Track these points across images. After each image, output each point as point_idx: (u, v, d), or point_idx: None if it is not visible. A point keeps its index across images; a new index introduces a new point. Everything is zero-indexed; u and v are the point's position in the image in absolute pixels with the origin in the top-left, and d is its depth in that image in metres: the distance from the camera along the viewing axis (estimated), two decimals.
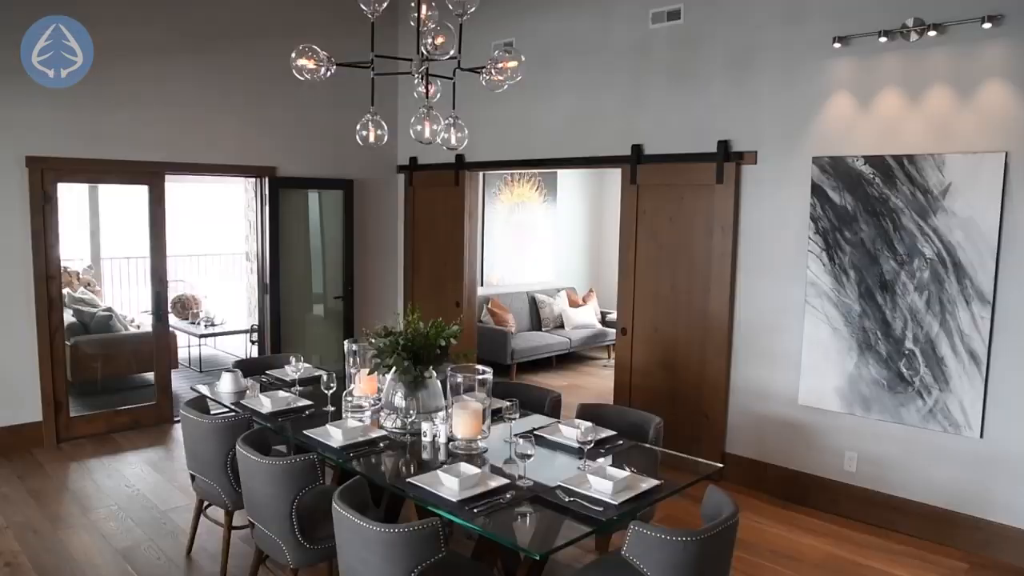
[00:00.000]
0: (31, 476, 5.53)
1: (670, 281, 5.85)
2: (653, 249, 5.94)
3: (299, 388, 4.69)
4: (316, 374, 4.98)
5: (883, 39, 4.59)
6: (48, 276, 6.04)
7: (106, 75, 6.13)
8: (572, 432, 3.80)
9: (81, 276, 10.21)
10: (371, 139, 3.91)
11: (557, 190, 10.33)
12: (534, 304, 9.75)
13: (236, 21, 6.82)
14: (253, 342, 8.74)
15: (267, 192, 7.17)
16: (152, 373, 7.03)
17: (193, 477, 4.21)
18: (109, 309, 8.21)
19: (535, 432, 3.88)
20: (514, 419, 3.74)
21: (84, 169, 6.18)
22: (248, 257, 10.71)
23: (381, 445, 3.68)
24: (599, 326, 9.84)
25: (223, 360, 9.60)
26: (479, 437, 3.65)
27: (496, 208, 9.50)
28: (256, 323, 8.46)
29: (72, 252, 10.41)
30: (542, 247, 10.25)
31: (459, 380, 3.66)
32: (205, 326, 9.30)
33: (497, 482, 3.19)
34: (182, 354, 9.05)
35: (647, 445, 3.89)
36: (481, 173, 7.79)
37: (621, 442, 3.82)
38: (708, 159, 5.54)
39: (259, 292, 7.57)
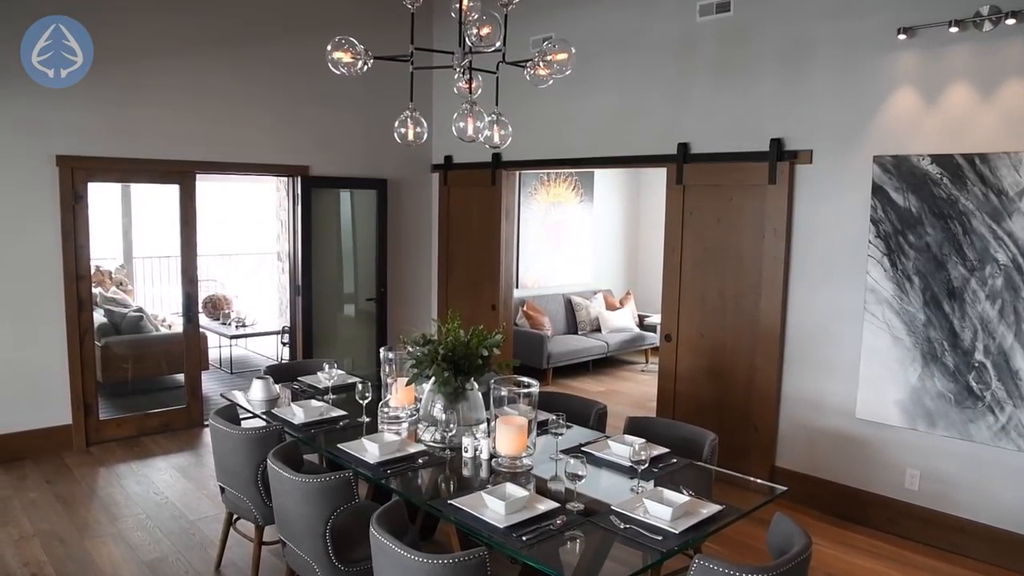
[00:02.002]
0: (60, 481, 5.41)
1: (718, 285, 5.59)
2: (700, 252, 5.68)
3: (332, 396, 4.51)
4: (350, 381, 4.79)
5: (954, 29, 4.29)
6: (78, 276, 5.92)
7: (136, 73, 6.01)
8: (623, 449, 3.57)
9: (113, 275, 10.16)
10: (410, 137, 3.71)
11: (594, 190, 10.08)
12: (570, 307, 9.51)
13: (268, 17, 6.67)
14: (284, 344, 8.60)
15: (299, 192, 7.01)
16: (182, 375, 6.89)
17: (223, 489, 4.03)
18: (140, 309, 8.11)
19: (583, 448, 3.67)
20: (561, 435, 3.52)
21: (115, 168, 6.05)
22: (279, 257, 10.59)
23: (420, 461, 3.47)
24: (637, 329, 9.58)
25: (254, 361, 9.49)
26: (524, 454, 3.43)
27: (532, 208, 9.27)
28: (287, 324, 8.33)
29: (104, 251, 10.36)
30: (578, 248, 10.01)
31: (503, 393, 3.44)
32: (236, 327, 9.18)
33: (546, 505, 2.96)
34: (212, 354, 8.94)
35: (702, 463, 3.65)
36: (518, 172, 7.57)
37: (675, 460, 3.58)
38: (759, 158, 5.27)
39: (291, 293, 7.42)
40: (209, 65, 6.38)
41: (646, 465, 3.22)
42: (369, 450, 3.51)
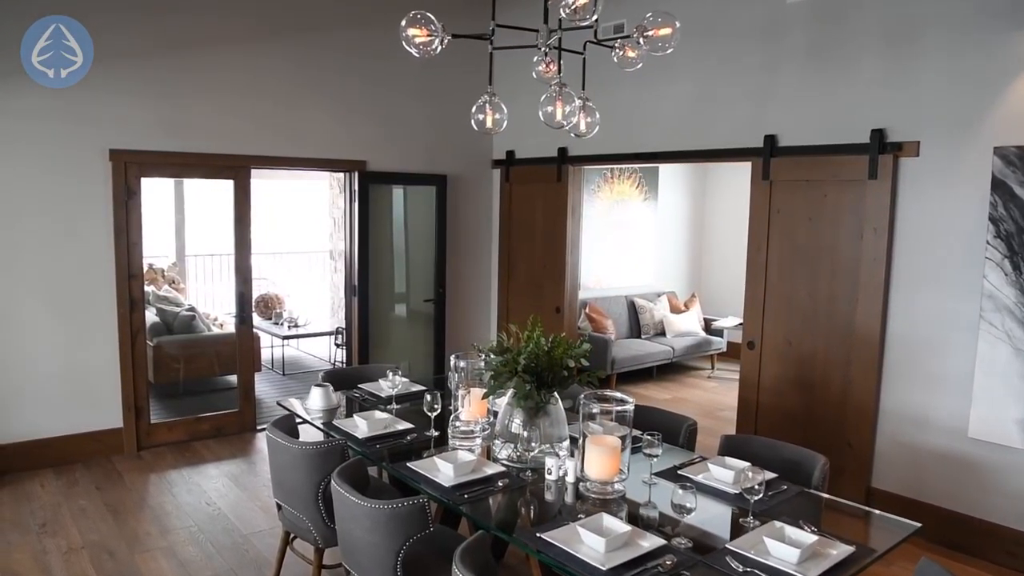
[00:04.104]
0: (110, 488, 5.18)
1: (808, 289, 5.15)
2: (788, 252, 5.25)
3: (396, 406, 4.18)
4: (414, 389, 4.47)
5: None
6: (131, 275, 5.70)
7: (190, 66, 5.78)
8: (724, 474, 3.18)
9: (166, 273, 10.02)
10: (488, 124, 3.36)
11: (658, 187, 9.64)
12: (633, 309, 9.10)
13: (326, 7, 6.38)
14: (338, 345, 8.33)
15: (356, 187, 6.72)
16: (235, 376, 6.64)
17: (279, 506, 3.73)
18: (192, 308, 7.91)
19: (679, 472, 3.28)
20: (656, 456, 3.13)
21: (168, 163, 5.81)
22: (332, 256, 10.36)
23: (499, 484, 3.11)
24: (703, 334, 9.13)
25: (307, 363, 9.25)
26: (616, 479, 3.05)
27: (595, 206, 8.87)
28: (340, 325, 8.07)
29: (158, 248, 10.24)
30: (642, 248, 9.58)
31: (595, 410, 3.07)
32: (289, 327, 8.94)
33: (650, 542, 2.58)
34: (264, 355, 8.72)
35: (813, 490, 3.24)
36: (584, 168, 7.18)
37: (785, 487, 3.17)
38: (858, 151, 4.82)
39: (346, 293, 7.14)
40: (265, 56, 6.12)
41: (760, 495, 2.81)
42: (442, 470, 3.17)
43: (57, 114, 5.31)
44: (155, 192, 10.07)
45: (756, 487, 2.80)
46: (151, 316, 7.61)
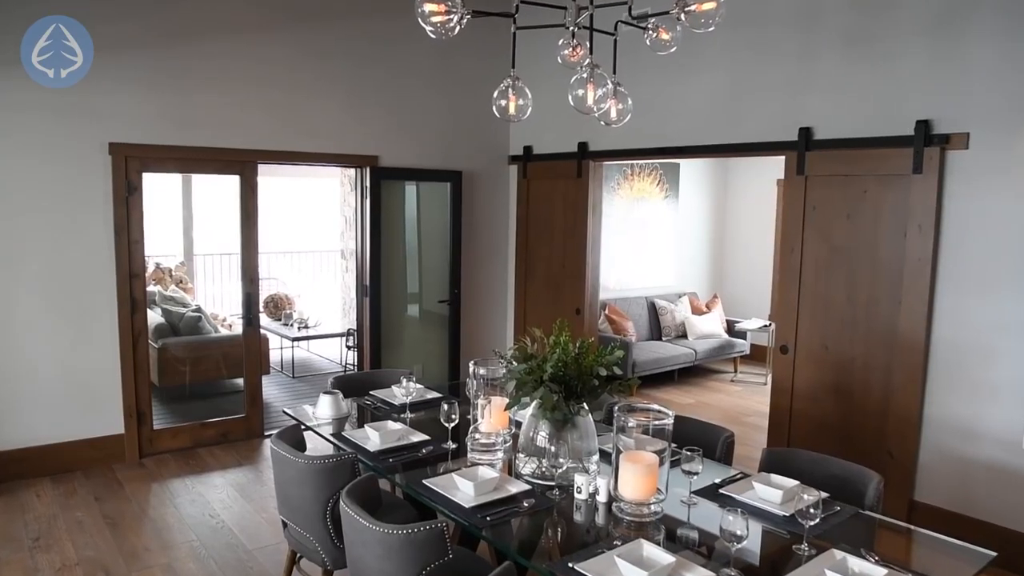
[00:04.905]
0: (109, 498, 4.93)
1: (846, 291, 4.85)
2: (825, 252, 4.95)
3: (410, 415, 3.91)
4: (429, 397, 4.20)
5: None
6: (132, 274, 5.45)
7: (194, 55, 5.53)
8: (771, 493, 2.89)
9: (173, 273, 9.79)
10: (511, 110, 3.09)
11: (679, 184, 9.33)
12: (653, 310, 8.80)
13: None
14: (349, 347, 8.08)
15: (368, 184, 6.45)
16: (242, 379, 6.39)
17: (285, 524, 3.46)
18: (198, 309, 7.68)
19: (720, 491, 3.00)
20: (697, 473, 2.85)
21: (171, 157, 5.56)
22: (343, 255, 10.11)
23: (525, 504, 2.83)
24: (725, 336, 8.82)
25: (317, 364, 9.00)
26: (653, 501, 2.77)
27: (614, 204, 8.57)
28: (351, 327, 7.82)
29: (165, 247, 10.03)
30: (662, 247, 9.28)
31: (631, 424, 2.78)
32: (298, 328, 8.69)
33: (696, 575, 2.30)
34: (274, 356, 8.48)
35: (867, 512, 2.95)
36: (604, 164, 6.90)
37: (838, 508, 2.88)
38: (901, 143, 4.51)
39: (358, 294, 6.88)
40: (272, 45, 5.87)
41: (816, 520, 2.53)
42: (462, 488, 2.89)
43: (53, 106, 5.07)
44: (163, 189, 9.87)
45: (811, 510, 2.51)
46: (156, 317, 7.38)
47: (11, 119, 4.96)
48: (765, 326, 8.63)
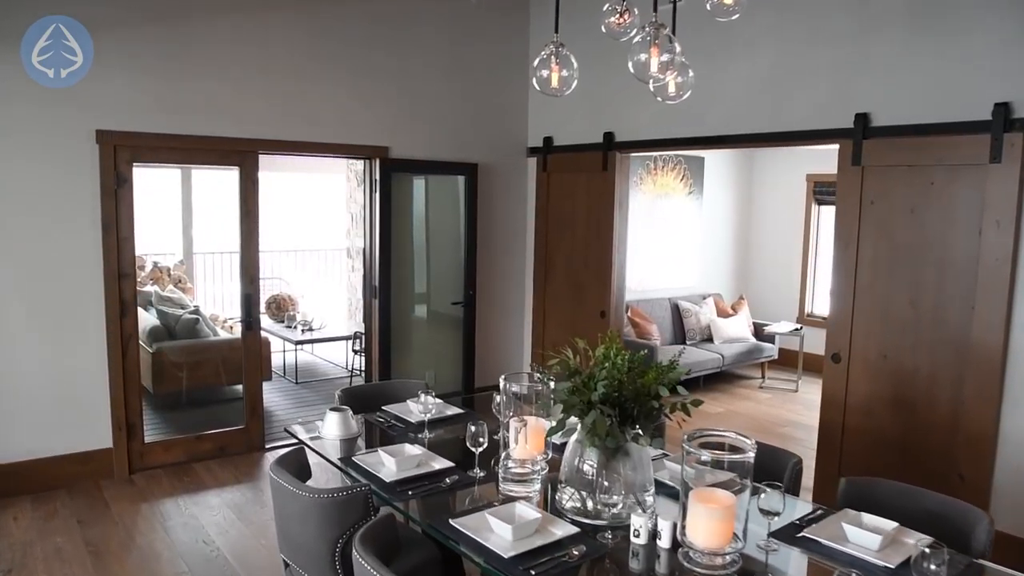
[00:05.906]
0: (93, 522, 4.47)
1: (909, 293, 4.37)
2: (884, 250, 4.47)
3: (429, 435, 3.45)
4: (449, 413, 3.73)
5: None
6: (121, 274, 4.99)
7: (190, 37, 5.07)
8: (866, 538, 2.42)
9: (172, 272, 9.34)
10: (553, 83, 2.63)
11: (704, 179, 8.85)
12: (677, 313, 8.33)
13: None
14: (356, 351, 7.62)
15: (378, 177, 5.98)
16: (241, 386, 5.93)
17: (286, 563, 3.00)
18: (196, 310, 7.22)
19: (801, 532, 2.52)
20: (778, 515, 2.39)
21: (164, 146, 5.10)
22: (349, 254, 9.66)
23: (575, 553, 2.36)
24: (753, 340, 8.33)
25: (322, 369, 8.53)
26: (731, 550, 2.30)
27: (636, 200, 8.08)
28: (358, 330, 7.36)
29: (162, 245, 9.58)
30: (686, 246, 8.79)
31: (704, 458, 2.31)
32: (302, 331, 8.22)
33: None
34: (276, 360, 8.03)
35: (979, 561, 2.47)
36: (631, 156, 6.42)
37: (947, 556, 2.39)
38: (976, 129, 4.04)
39: (365, 295, 6.42)
40: (275, 27, 5.40)
41: None
42: (497, 532, 2.42)
43: (34, 90, 4.61)
44: (161, 184, 9.42)
45: (934, 567, 2.04)
46: (152, 319, 6.94)
47: None
48: (796, 330, 8.15)
